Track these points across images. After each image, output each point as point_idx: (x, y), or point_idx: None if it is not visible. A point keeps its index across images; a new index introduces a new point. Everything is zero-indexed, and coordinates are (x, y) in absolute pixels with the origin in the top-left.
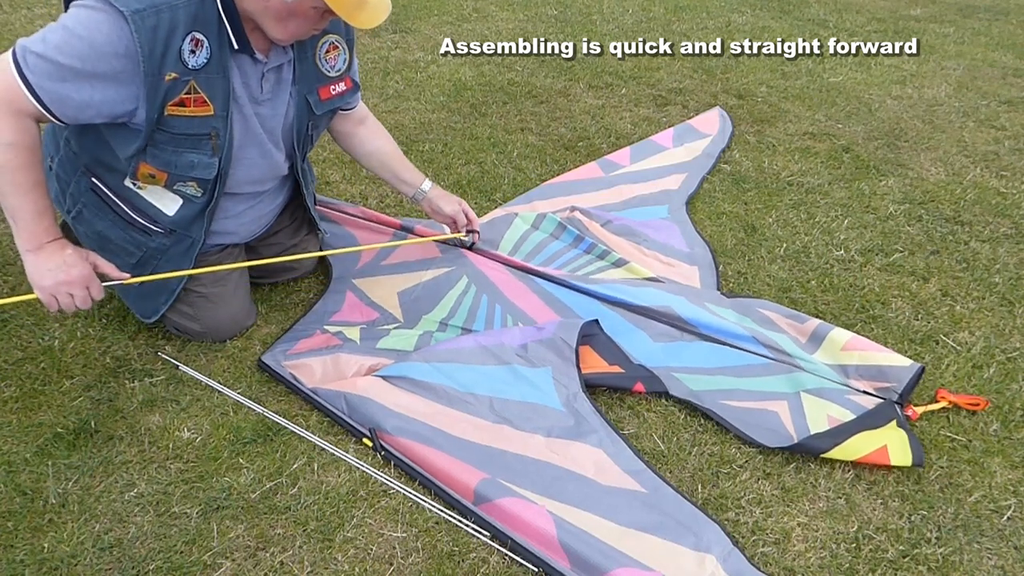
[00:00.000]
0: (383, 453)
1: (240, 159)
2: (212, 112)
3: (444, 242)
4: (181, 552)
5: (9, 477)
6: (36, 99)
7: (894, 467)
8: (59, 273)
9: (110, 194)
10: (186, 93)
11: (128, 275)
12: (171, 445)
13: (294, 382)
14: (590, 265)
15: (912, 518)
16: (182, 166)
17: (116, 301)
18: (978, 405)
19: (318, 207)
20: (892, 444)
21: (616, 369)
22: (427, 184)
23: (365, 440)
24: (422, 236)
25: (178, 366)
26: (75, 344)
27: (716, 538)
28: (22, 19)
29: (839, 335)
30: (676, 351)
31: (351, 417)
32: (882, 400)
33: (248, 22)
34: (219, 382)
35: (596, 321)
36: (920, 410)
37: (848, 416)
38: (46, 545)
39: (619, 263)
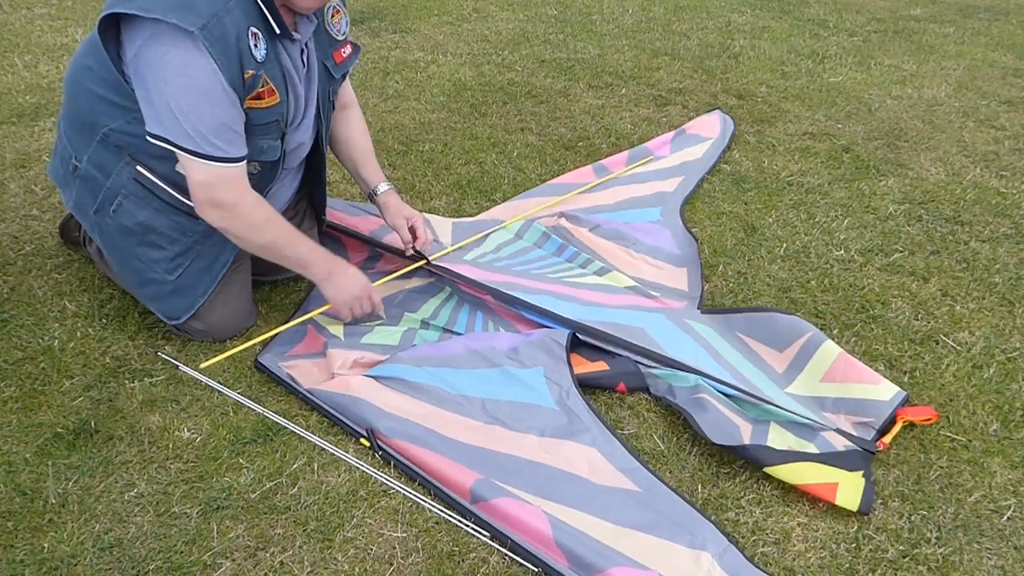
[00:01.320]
0: (381, 453)
1: (291, 138)
2: (278, 99)
3: (400, 255)
4: (181, 552)
5: (9, 477)
6: (239, 160)
7: (837, 505)
8: (354, 288)
9: (158, 181)
10: (261, 87)
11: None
12: (171, 445)
13: (291, 383)
14: (569, 271)
15: (912, 518)
16: (253, 151)
17: (116, 301)
18: (930, 420)
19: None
20: (844, 485)
21: (601, 366)
22: (382, 187)
23: (363, 440)
24: (393, 246)
25: (178, 366)
26: (75, 344)
27: (711, 536)
28: (22, 19)
29: (826, 353)
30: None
31: (346, 417)
32: (855, 447)
33: None
34: (219, 382)
35: (575, 334)
36: (888, 439)
37: (811, 449)
38: (46, 545)
39: (601, 272)
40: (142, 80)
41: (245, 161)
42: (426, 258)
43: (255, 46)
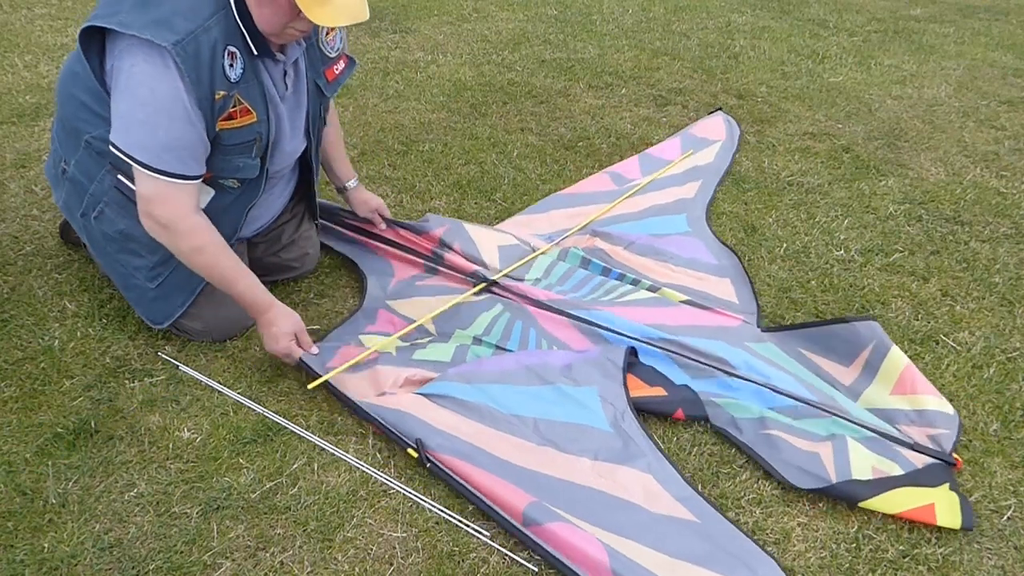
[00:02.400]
0: (429, 465)
1: (273, 156)
2: (256, 119)
3: (468, 278)
4: (181, 552)
5: (9, 477)
6: (185, 179)
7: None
8: (276, 341)
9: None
10: (233, 107)
11: (316, 348)
12: (171, 445)
13: (342, 391)
14: (620, 288)
15: None
16: (229, 169)
17: (116, 301)
18: None
19: (352, 233)
20: (940, 504)
21: (658, 391)
22: (352, 182)
23: (411, 451)
24: (454, 265)
25: (178, 366)
26: (75, 344)
27: (770, 571)
28: (22, 19)
29: (894, 363)
30: (714, 382)
31: (396, 431)
32: (935, 460)
33: None
34: (219, 382)
35: (634, 350)
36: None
37: (896, 470)
38: (46, 545)
39: (652, 288)
40: (113, 90)
41: (194, 182)
42: (487, 280)
43: (231, 66)
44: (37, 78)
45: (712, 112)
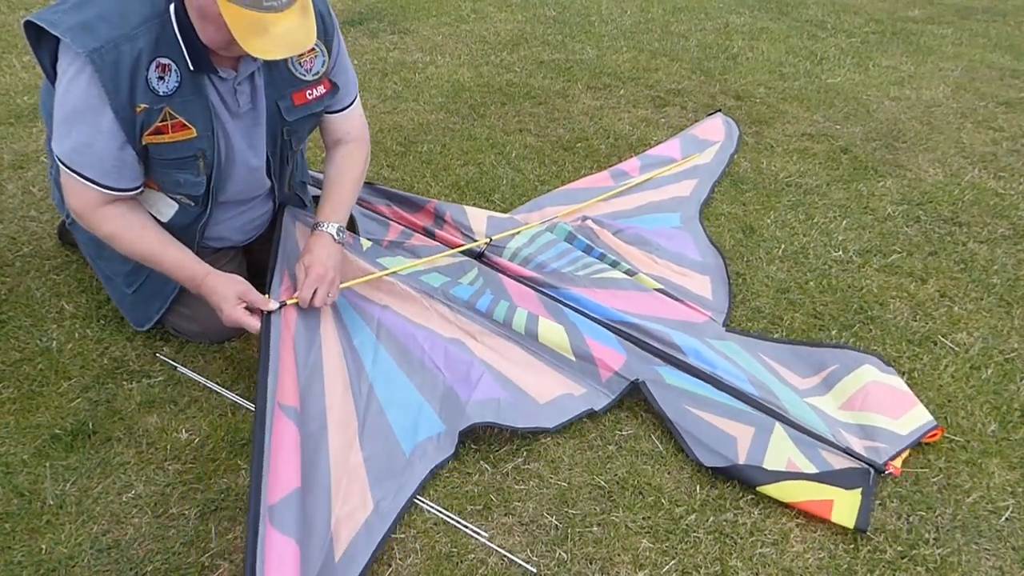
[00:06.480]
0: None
1: (229, 174)
2: (195, 134)
3: (456, 248)
4: (179, 553)
5: (7, 478)
6: (93, 184)
7: (834, 522)
8: (217, 308)
9: None
10: (161, 121)
11: (274, 303)
12: (169, 446)
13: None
14: (599, 266)
15: (910, 519)
16: (170, 184)
17: (114, 303)
18: (936, 435)
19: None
20: (840, 501)
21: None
22: (326, 225)
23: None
24: (444, 241)
25: (176, 367)
26: (73, 345)
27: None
28: (20, 20)
29: (857, 379)
30: (653, 370)
31: None
32: (859, 466)
33: None
34: (217, 383)
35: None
36: (898, 463)
37: (809, 468)
38: (44, 547)
39: (629, 272)
40: None
41: (101, 189)
42: (473, 254)
43: (160, 78)
44: (35, 79)
45: (712, 113)
